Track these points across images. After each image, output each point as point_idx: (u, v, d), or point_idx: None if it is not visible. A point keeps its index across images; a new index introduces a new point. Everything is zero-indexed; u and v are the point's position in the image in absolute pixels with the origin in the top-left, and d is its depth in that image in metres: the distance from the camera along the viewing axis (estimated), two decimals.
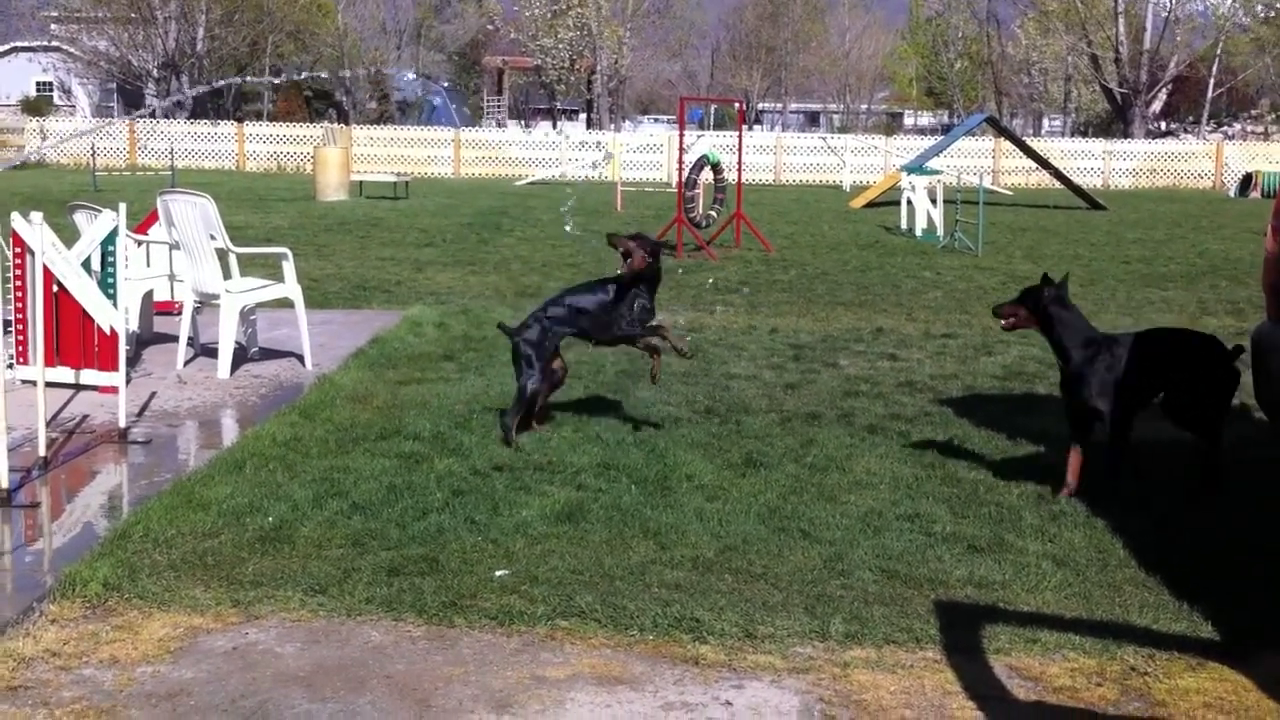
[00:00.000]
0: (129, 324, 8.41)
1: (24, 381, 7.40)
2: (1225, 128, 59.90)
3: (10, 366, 7.60)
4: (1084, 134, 57.35)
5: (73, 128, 40.51)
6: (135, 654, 4.06)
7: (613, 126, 54.81)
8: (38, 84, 58.39)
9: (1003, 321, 6.11)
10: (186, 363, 8.49)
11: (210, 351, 8.59)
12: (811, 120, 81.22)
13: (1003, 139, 36.64)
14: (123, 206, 6.98)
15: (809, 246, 18.53)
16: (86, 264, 7.35)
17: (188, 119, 44.53)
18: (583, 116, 65.38)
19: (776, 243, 18.39)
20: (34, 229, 6.33)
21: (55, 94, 57.89)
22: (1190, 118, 61.34)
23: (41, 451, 6.07)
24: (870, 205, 27.30)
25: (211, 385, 8.02)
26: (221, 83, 48.12)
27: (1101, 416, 5.85)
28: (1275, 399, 6.25)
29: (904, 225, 21.34)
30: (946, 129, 56.17)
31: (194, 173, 34.88)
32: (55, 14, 55.13)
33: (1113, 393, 5.82)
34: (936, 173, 22.90)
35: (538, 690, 3.87)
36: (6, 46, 59.17)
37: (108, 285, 7.28)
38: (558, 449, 6.48)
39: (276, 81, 51.56)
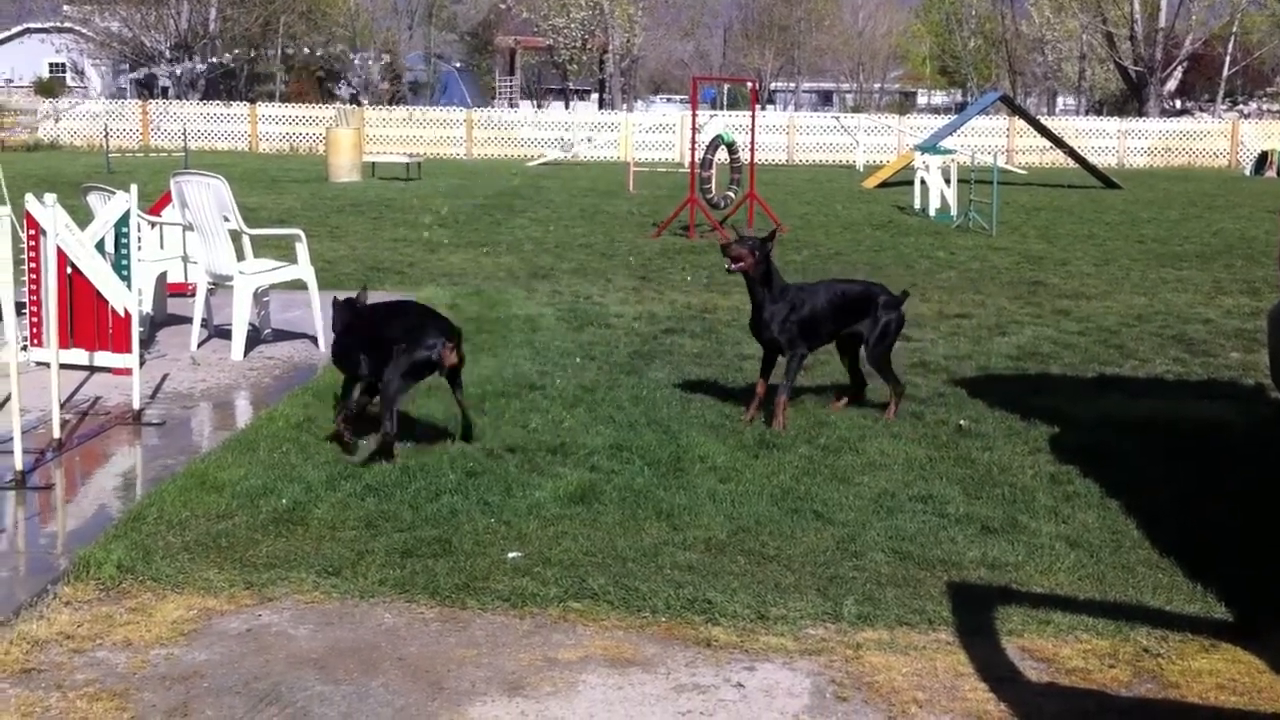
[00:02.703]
0: (143, 306, 8.42)
1: (38, 363, 7.42)
2: (1241, 106, 59.53)
3: (24, 348, 7.62)
4: (1098, 112, 57.07)
5: (85, 109, 40.54)
6: (149, 636, 4.08)
7: (625, 106, 54.68)
8: (50, 65, 58.43)
9: (732, 264, 6.76)
10: (200, 344, 8.50)
11: (224, 333, 8.60)
12: (825, 99, 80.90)
13: (1017, 118, 36.47)
14: (134, 188, 7.00)
15: (822, 227, 18.49)
16: (100, 246, 7.36)
17: (200, 100, 44.55)
18: (595, 96, 65.22)
19: (790, 223, 18.34)
20: (47, 211, 6.34)
21: (68, 75, 57.93)
22: (1205, 96, 60.98)
23: (56, 433, 6.09)
24: (884, 185, 27.21)
25: (225, 367, 8.03)
26: (226, 58, 47.97)
27: (781, 348, 6.78)
28: None
29: (918, 205, 21.28)
30: (960, 108, 55.94)
31: (207, 154, 34.89)
32: None
33: (795, 330, 6.74)
34: (950, 152, 22.80)
35: (550, 672, 3.88)
36: (19, 28, 59.20)
37: (121, 267, 7.29)
38: (570, 430, 6.48)
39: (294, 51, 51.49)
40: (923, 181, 21.31)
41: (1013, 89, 60.57)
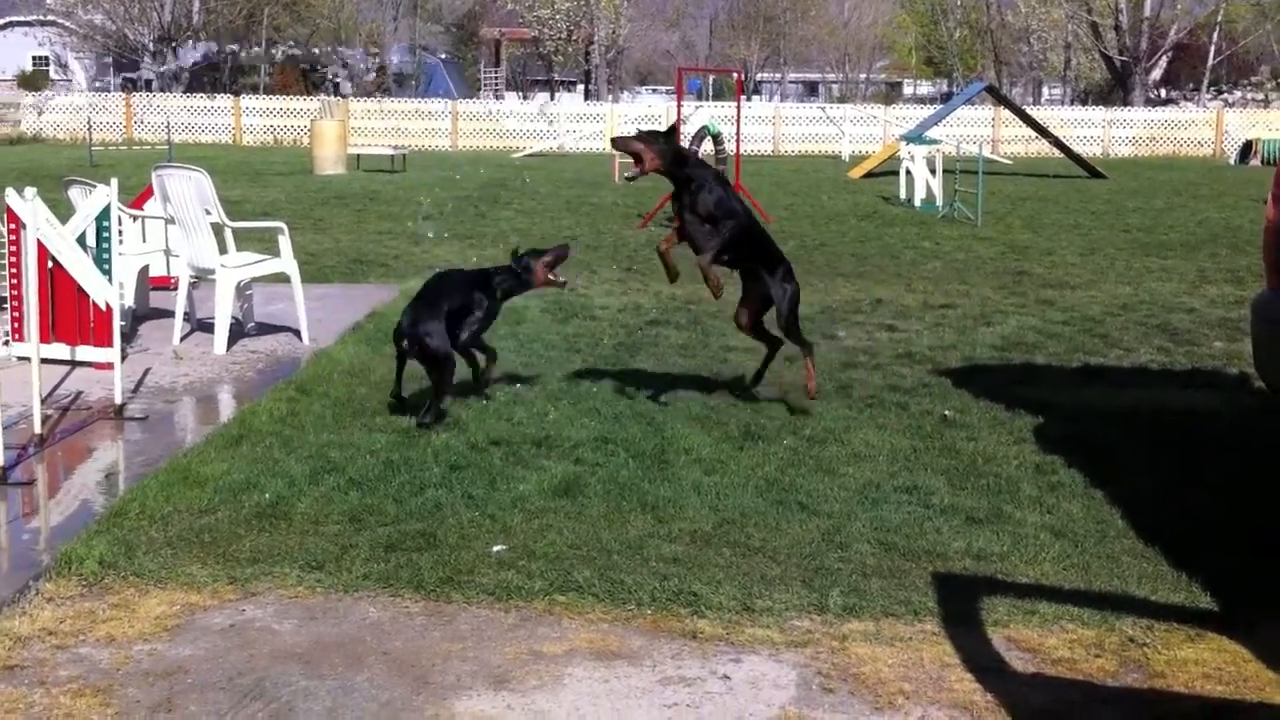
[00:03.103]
0: (125, 299, 8.37)
1: (19, 358, 7.37)
2: (1225, 95, 59.67)
3: (5, 343, 7.58)
4: (1084, 102, 57.13)
5: (68, 102, 40.39)
6: (132, 632, 4.05)
7: (611, 97, 54.60)
8: (34, 58, 58.14)
9: (634, 167, 6.35)
10: (183, 338, 8.46)
11: (206, 327, 8.57)
12: (810, 90, 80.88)
13: (1002, 108, 36.50)
14: (114, 181, 6.96)
15: (808, 217, 18.48)
16: (81, 239, 7.31)
17: (184, 92, 44.38)
18: (581, 87, 65.13)
19: (775, 214, 18.34)
20: (28, 204, 6.30)
21: (52, 68, 57.65)
22: (1190, 85, 61.09)
23: (37, 429, 6.06)
24: (869, 175, 27.23)
25: (208, 361, 8.00)
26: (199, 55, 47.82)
27: (716, 221, 6.32)
28: (1275, 368, 6.22)
29: (903, 195, 21.28)
30: (946, 98, 55.98)
31: (191, 147, 34.75)
32: None
33: (739, 206, 6.43)
34: (936, 142, 22.82)
35: (535, 665, 3.87)
36: (2, 21, 58.88)
37: (103, 261, 7.24)
38: (555, 423, 6.46)
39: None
40: (908, 172, 21.32)
41: (998, 79, 60.62)
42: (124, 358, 7.16)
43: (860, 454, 6.06)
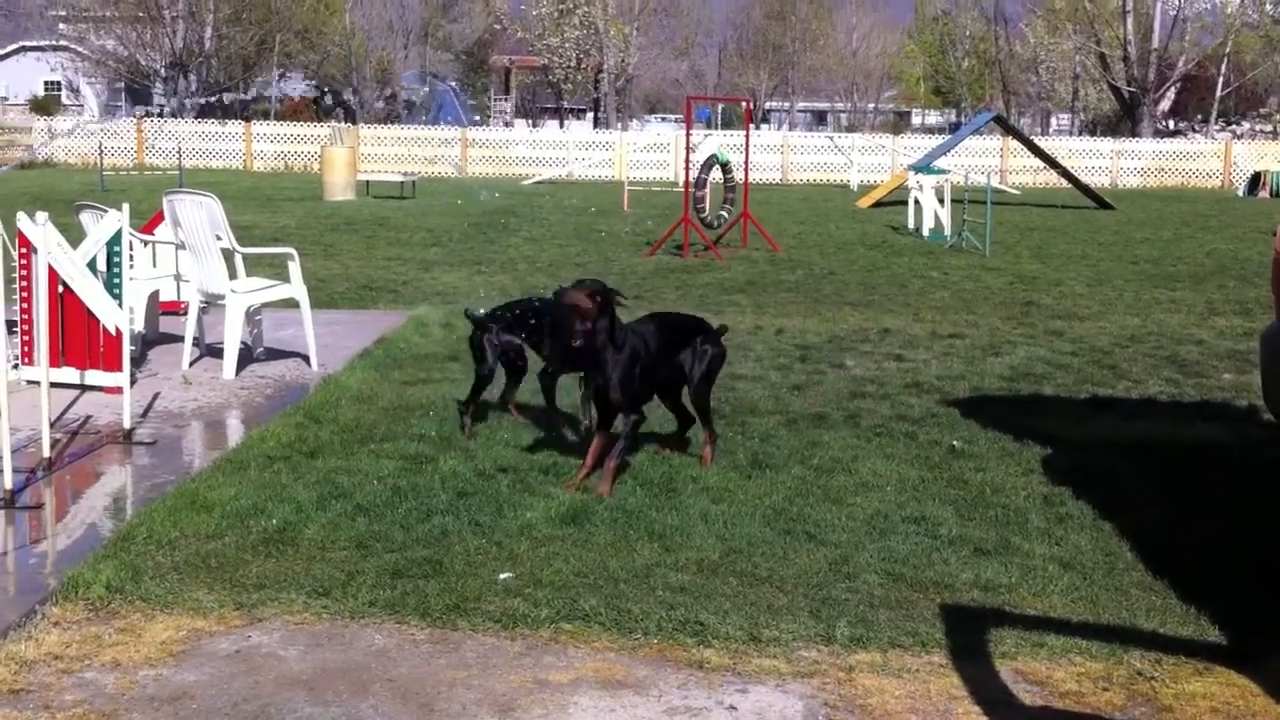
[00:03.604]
0: (134, 324, 8.40)
1: (29, 382, 7.39)
2: (1234, 126, 59.75)
3: (15, 367, 7.60)
4: (1092, 133, 57.22)
5: (80, 126, 40.58)
6: (138, 657, 4.05)
7: (620, 125, 54.77)
8: (46, 83, 58.48)
9: (578, 330, 5.79)
10: (192, 363, 8.48)
11: (216, 352, 8.58)
12: (819, 119, 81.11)
13: (1010, 138, 36.57)
14: (126, 207, 6.99)
15: (816, 246, 18.50)
16: (92, 264, 7.35)
17: (195, 118, 44.58)
18: (590, 115, 65.35)
19: (783, 242, 18.37)
20: (39, 229, 6.32)
21: (64, 93, 57.98)
22: (1199, 116, 61.20)
23: (46, 453, 6.07)
24: (877, 205, 27.25)
25: (216, 386, 8.01)
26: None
27: (623, 406, 5.93)
28: None
29: (911, 225, 21.30)
30: (954, 128, 56.11)
31: (201, 172, 34.89)
32: (63, 13, 55.24)
33: (637, 389, 5.98)
34: (944, 172, 22.84)
35: (541, 694, 3.86)
36: (14, 46, 59.28)
37: (113, 285, 7.28)
38: (562, 450, 6.46)
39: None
40: (916, 201, 21.34)
41: (1006, 109, 60.76)
42: (133, 382, 7.18)
43: (868, 484, 6.05)
